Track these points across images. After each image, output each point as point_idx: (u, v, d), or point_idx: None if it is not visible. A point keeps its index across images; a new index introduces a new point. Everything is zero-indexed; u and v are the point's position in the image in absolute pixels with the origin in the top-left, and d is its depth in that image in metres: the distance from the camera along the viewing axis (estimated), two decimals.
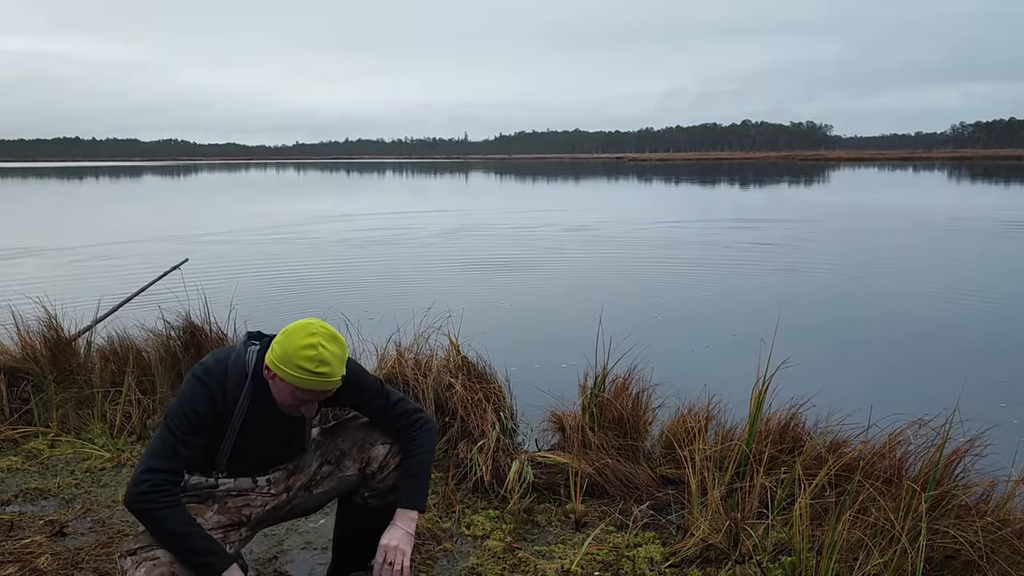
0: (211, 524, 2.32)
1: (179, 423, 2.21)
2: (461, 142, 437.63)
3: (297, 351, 2.14)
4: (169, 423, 2.23)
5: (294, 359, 2.14)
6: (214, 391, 2.25)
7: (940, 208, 23.76)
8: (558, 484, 3.53)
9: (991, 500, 2.93)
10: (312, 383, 2.16)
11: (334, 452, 2.54)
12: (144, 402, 4.42)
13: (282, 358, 2.16)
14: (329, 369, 2.16)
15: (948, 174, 55.98)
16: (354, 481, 2.53)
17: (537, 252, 13.68)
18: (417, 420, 2.48)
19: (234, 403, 2.27)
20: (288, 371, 2.16)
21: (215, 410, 2.26)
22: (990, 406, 4.82)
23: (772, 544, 2.93)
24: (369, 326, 4.80)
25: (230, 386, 2.27)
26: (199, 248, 13.74)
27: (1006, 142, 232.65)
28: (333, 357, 2.16)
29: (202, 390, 2.25)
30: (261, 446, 2.38)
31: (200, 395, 2.24)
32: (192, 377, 2.28)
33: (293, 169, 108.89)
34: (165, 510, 2.16)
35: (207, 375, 2.27)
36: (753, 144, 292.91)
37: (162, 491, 2.16)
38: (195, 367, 2.32)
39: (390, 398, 2.49)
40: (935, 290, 9.65)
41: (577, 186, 46.18)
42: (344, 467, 2.53)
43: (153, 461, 2.19)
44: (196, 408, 2.23)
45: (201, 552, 2.16)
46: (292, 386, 2.19)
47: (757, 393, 3.56)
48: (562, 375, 4.70)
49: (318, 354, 2.13)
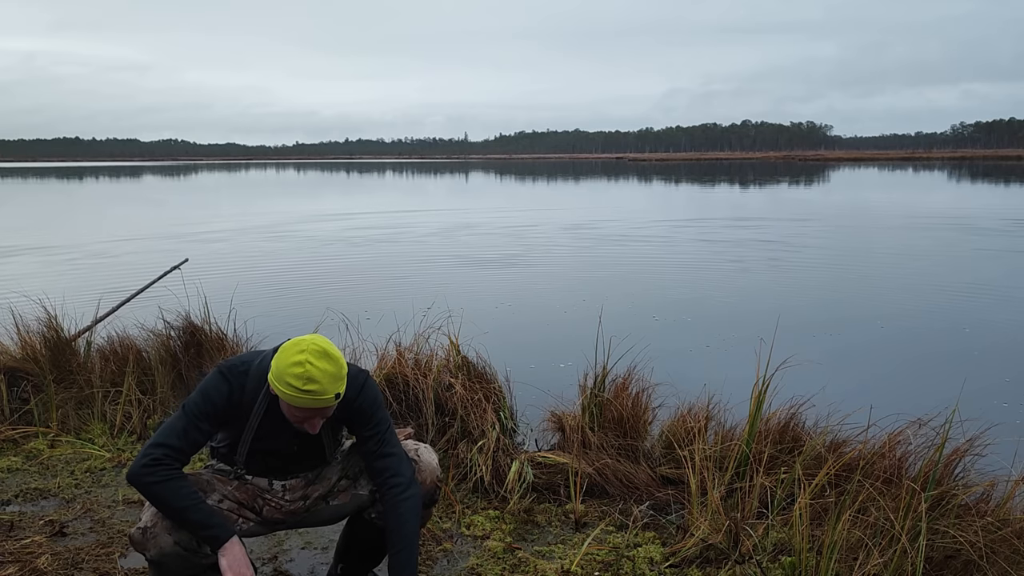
0: (227, 495, 2.40)
1: (195, 409, 2.27)
2: (461, 142, 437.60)
3: (287, 368, 2.14)
4: (186, 407, 2.29)
5: (284, 376, 2.15)
6: (233, 389, 2.30)
7: (940, 207, 23.76)
8: (558, 484, 3.53)
9: (991, 500, 2.93)
10: (302, 400, 2.15)
11: (354, 468, 2.56)
12: (144, 402, 4.43)
13: (275, 374, 2.18)
14: (318, 387, 2.13)
15: (948, 174, 55.98)
16: (365, 501, 2.55)
17: (537, 252, 13.68)
18: (399, 490, 2.36)
19: (251, 405, 2.32)
20: (280, 387, 2.17)
21: (231, 406, 2.31)
22: (990, 406, 4.82)
23: (772, 544, 2.93)
24: (369, 326, 4.81)
25: (248, 389, 2.31)
26: (199, 248, 13.74)
27: (1006, 142, 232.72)
28: (322, 375, 2.13)
29: (223, 385, 2.30)
30: (276, 451, 2.43)
31: (220, 389, 2.29)
32: (217, 370, 2.34)
33: (293, 169, 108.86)
34: (164, 483, 2.19)
35: (230, 372, 2.33)
36: (753, 144, 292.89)
37: (163, 464, 2.20)
38: (222, 362, 2.39)
39: (383, 447, 2.40)
40: (935, 289, 9.65)
41: (577, 186, 46.17)
42: (360, 485, 2.55)
43: (162, 437, 2.25)
44: (213, 399, 2.28)
45: (199, 525, 2.20)
46: (286, 403, 2.21)
47: (757, 393, 3.56)
48: (562, 375, 4.71)
49: (305, 371, 2.12)
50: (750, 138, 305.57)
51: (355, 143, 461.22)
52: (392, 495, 2.35)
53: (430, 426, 3.94)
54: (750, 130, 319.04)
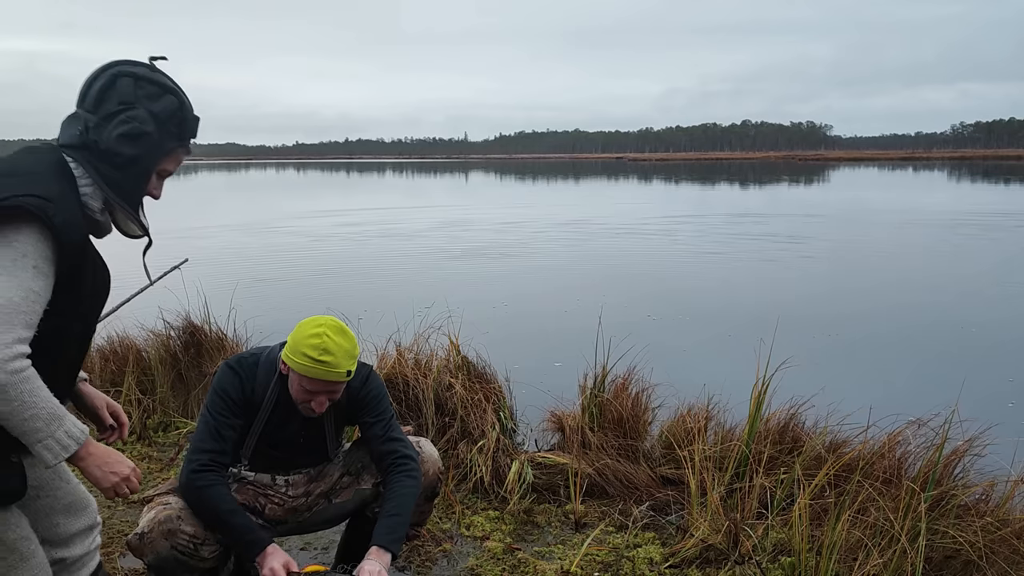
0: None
1: (215, 407, 2.33)
2: (461, 142, 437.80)
3: (304, 340, 2.21)
4: (207, 409, 2.34)
5: (300, 347, 2.21)
6: (244, 380, 2.36)
7: (941, 206, 23.75)
8: (558, 484, 3.53)
9: (991, 500, 2.93)
10: (316, 371, 2.20)
11: (356, 464, 2.59)
12: (144, 402, 4.43)
13: (290, 347, 2.25)
14: (333, 359, 2.19)
15: (948, 173, 55.99)
16: (368, 495, 2.57)
17: (537, 252, 13.68)
18: (405, 464, 2.43)
19: (263, 396, 2.36)
20: (295, 359, 2.22)
21: (245, 397, 2.35)
22: (990, 406, 4.82)
23: (772, 544, 2.93)
24: (369, 326, 4.79)
25: (260, 379, 2.37)
26: (199, 248, 13.73)
27: (1006, 142, 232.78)
28: (338, 348, 2.20)
29: (233, 378, 2.35)
30: (283, 445, 2.45)
31: (232, 381, 2.35)
32: (225, 365, 2.39)
33: (293, 169, 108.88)
34: (209, 488, 2.25)
35: (239, 364, 2.38)
36: (753, 144, 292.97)
37: (208, 469, 2.27)
38: (229, 358, 2.45)
39: (389, 432, 2.47)
40: (936, 289, 9.65)
41: (577, 186, 46.18)
42: (362, 480, 2.57)
43: (197, 443, 2.31)
44: (228, 392, 2.33)
45: (242, 531, 2.24)
46: (299, 375, 2.25)
47: (757, 393, 3.56)
48: (562, 375, 4.70)
49: (322, 343, 2.19)
50: (750, 138, 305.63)
51: (355, 143, 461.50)
52: (396, 471, 2.41)
53: (430, 426, 3.94)
54: (750, 130, 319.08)
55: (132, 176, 1.76)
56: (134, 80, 1.73)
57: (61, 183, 1.68)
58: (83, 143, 1.72)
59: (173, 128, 1.79)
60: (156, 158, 1.78)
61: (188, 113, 1.81)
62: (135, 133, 1.72)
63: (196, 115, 1.85)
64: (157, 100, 1.75)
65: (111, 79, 1.72)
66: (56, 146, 1.75)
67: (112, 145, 1.71)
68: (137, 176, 1.77)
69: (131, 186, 1.77)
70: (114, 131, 1.71)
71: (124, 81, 1.72)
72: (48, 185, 1.64)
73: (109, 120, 1.71)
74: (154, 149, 1.76)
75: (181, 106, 1.79)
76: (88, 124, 1.71)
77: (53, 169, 1.69)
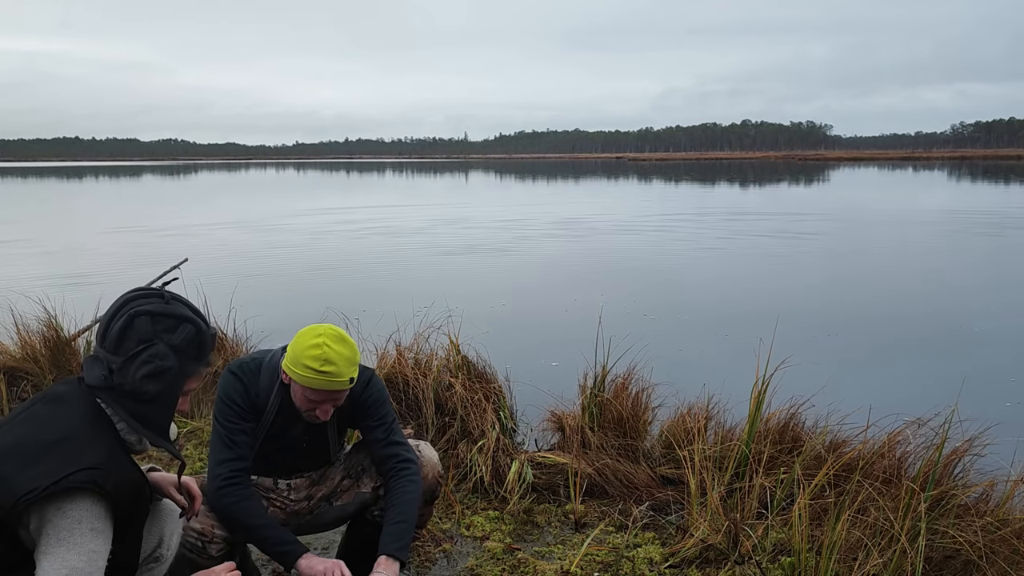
0: None
1: (224, 415, 2.33)
2: (461, 142, 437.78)
3: (304, 351, 2.20)
4: (216, 419, 2.34)
5: (301, 359, 2.20)
6: (248, 385, 2.35)
7: (941, 205, 23.75)
8: (558, 484, 3.53)
9: (990, 500, 2.93)
10: (318, 382, 2.20)
11: (356, 467, 2.59)
12: None
13: (291, 358, 2.24)
14: (334, 369, 2.19)
15: (948, 173, 55.99)
16: (368, 499, 2.57)
17: (537, 252, 13.68)
18: (406, 468, 2.43)
19: (266, 401, 2.36)
20: (296, 371, 2.22)
21: (250, 401, 2.35)
22: (990, 406, 4.82)
23: (771, 544, 2.92)
24: (369, 325, 4.80)
25: (263, 385, 2.36)
26: (199, 247, 13.73)
27: (1006, 142, 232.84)
28: (339, 357, 2.19)
29: (238, 384, 2.35)
30: (286, 449, 2.45)
31: (236, 387, 2.35)
32: (227, 371, 2.38)
33: (293, 169, 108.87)
34: (236, 505, 2.27)
35: (241, 369, 2.38)
36: (753, 144, 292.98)
37: (235, 482, 2.28)
38: (230, 363, 2.43)
39: (391, 436, 2.47)
40: (936, 288, 9.65)
41: (577, 185, 46.16)
42: (362, 483, 2.58)
43: (216, 455, 2.32)
44: (234, 399, 2.34)
45: (276, 542, 2.26)
46: (302, 386, 2.24)
47: (756, 393, 3.56)
48: (562, 375, 4.70)
49: (323, 353, 2.18)
50: (750, 138, 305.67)
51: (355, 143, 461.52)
52: (398, 475, 2.41)
53: (430, 426, 3.94)
54: (750, 130, 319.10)
55: (160, 408, 1.82)
56: (151, 318, 1.78)
57: (103, 436, 1.75)
58: (109, 385, 1.77)
59: (193, 353, 1.84)
60: (180, 386, 1.85)
61: (205, 336, 1.87)
62: (158, 371, 1.77)
63: (213, 332, 1.90)
64: (175, 332, 1.80)
65: (128, 319, 1.77)
66: (85, 388, 1.80)
67: (137, 386, 1.76)
68: (165, 406, 1.84)
69: (160, 417, 1.84)
70: (137, 372, 1.76)
71: (141, 320, 1.78)
72: (95, 448, 1.70)
73: (131, 361, 1.76)
74: (177, 379, 1.83)
75: (198, 331, 1.84)
76: (112, 367, 1.76)
77: (90, 422, 1.75)
